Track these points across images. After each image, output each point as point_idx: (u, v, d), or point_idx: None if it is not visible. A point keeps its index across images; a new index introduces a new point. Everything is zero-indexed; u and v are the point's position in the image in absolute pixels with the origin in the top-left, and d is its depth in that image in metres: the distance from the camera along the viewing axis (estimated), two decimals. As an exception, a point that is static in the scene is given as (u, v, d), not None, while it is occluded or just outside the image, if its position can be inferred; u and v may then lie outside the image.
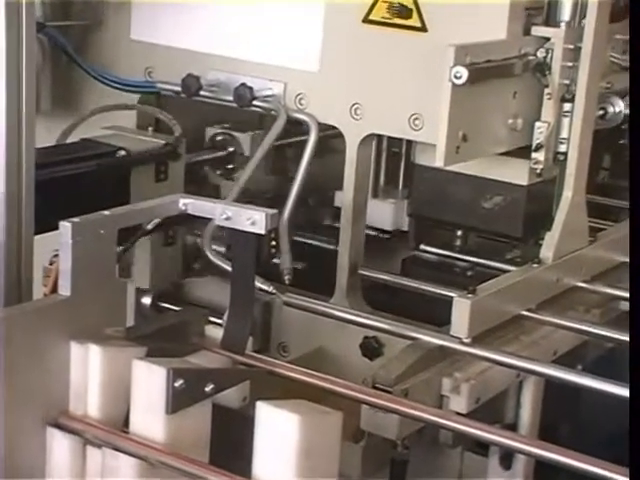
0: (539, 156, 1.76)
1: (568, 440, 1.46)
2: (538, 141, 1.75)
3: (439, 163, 1.59)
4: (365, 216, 1.82)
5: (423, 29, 1.67)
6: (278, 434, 1.22)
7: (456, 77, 1.52)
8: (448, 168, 1.69)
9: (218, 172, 2.01)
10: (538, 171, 1.77)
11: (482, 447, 1.75)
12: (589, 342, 1.82)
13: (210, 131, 2.00)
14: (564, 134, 1.77)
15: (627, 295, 1.89)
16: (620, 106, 1.94)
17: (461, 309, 1.56)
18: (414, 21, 1.68)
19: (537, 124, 1.75)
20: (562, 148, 1.78)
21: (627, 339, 1.67)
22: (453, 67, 1.51)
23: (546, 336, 1.72)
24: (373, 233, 1.97)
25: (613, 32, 1.90)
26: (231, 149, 1.99)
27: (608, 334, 1.72)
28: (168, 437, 1.26)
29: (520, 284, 1.72)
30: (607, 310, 1.90)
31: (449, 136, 1.56)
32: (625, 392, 1.46)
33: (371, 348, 1.73)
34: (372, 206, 1.89)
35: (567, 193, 1.79)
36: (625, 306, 1.91)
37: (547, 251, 1.76)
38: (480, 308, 1.58)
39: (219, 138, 2.00)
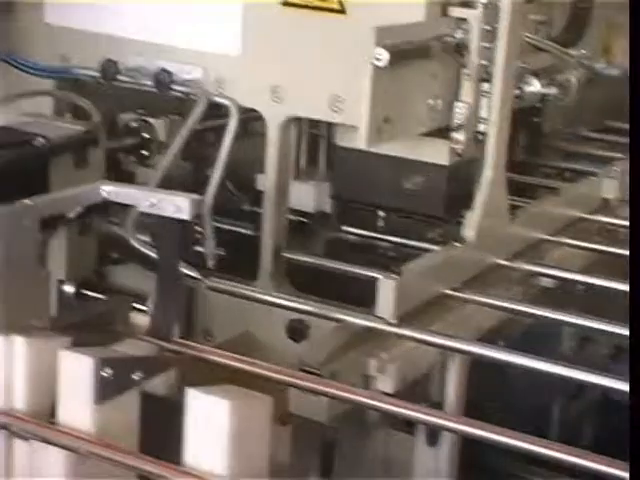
0: (459, 136, 1.78)
1: (493, 416, 1.48)
2: (458, 121, 1.77)
3: (362, 145, 1.59)
4: (287, 199, 1.82)
5: (342, 11, 1.67)
6: (208, 420, 1.23)
7: (377, 59, 1.52)
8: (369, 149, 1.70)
9: (133, 159, 1.99)
10: (459, 151, 1.78)
11: (409, 425, 1.77)
12: (512, 319, 1.85)
13: (124, 117, 1.98)
14: (483, 114, 1.79)
15: (547, 271, 1.93)
16: (536, 85, 1.97)
17: (386, 289, 1.57)
18: (333, 3, 1.68)
19: (456, 104, 1.77)
20: (482, 128, 1.80)
21: (549, 314, 1.71)
22: (374, 49, 1.52)
23: (470, 314, 1.74)
24: (295, 216, 1.97)
25: (527, 12, 1.93)
26: (146, 135, 1.98)
27: (530, 310, 1.75)
28: (97, 427, 1.25)
29: (444, 263, 1.74)
30: (528, 287, 1.93)
31: (371, 118, 1.56)
32: (547, 367, 1.50)
33: (297, 331, 1.73)
34: (294, 188, 1.89)
35: (487, 172, 1.81)
36: (545, 282, 1.95)
37: (469, 230, 1.79)
38: (405, 288, 1.59)
39: (133, 124, 1.98)
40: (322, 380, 1.44)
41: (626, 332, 1.65)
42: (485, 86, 1.78)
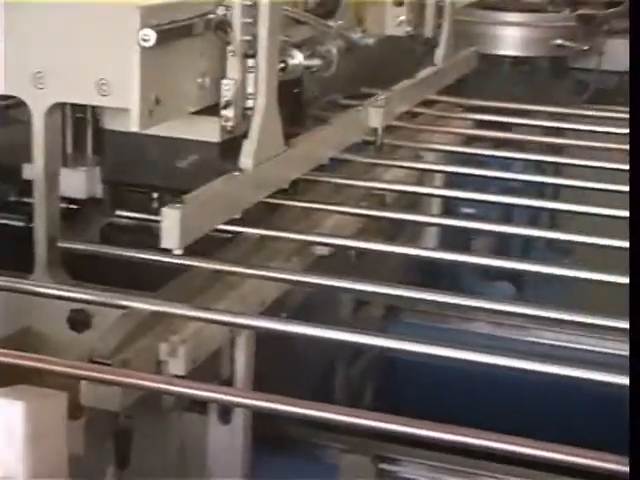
0: (228, 113, 1.78)
1: (284, 387, 1.51)
2: (226, 98, 1.77)
3: (134, 128, 1.57)
4: (58, 187, 1.77)
5: (104, -8, 1.64)
6: (2, 423, 1.19)
7: (144, 40, 1.50)
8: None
9: None
10: (229, 128, 1.79)
11: (202, 405, 1.78)
12: (292, 290, 1.89)
13: None
14: (250, 89, 1.81)
15: (322, 239, 1.98)
16: (299, 58, 2.01)
17: (171, 220, 1.58)
18: (92, -15, 1.63)
19: (223, 82, 1.77)
20: (249, 103, 1.82)
21: (325, 282, 1.76)
22: (140, 30, 1.50)
23: (253, 290, 1.77)
24: (67, 204, 1.92)
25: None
26: None
27: (309, 280, 1.79)
28: None
29: (225, 192, 1.77)
30: (304, 256, 1.98)
31: (142, 100, 1.55)
32: (326, 332, 1.54)
33: (78, 321, 1.69)
34: (64, 176, 1.83)
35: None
36: (320, 250, 1.99)
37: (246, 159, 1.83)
38: (189, 218, 1.61)
39: None
40: (112, 369, 1.43)
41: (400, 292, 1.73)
42: (250, 62, 1.79)
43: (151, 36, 1.50)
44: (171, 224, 1.58)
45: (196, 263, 1.72)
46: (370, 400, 2.59)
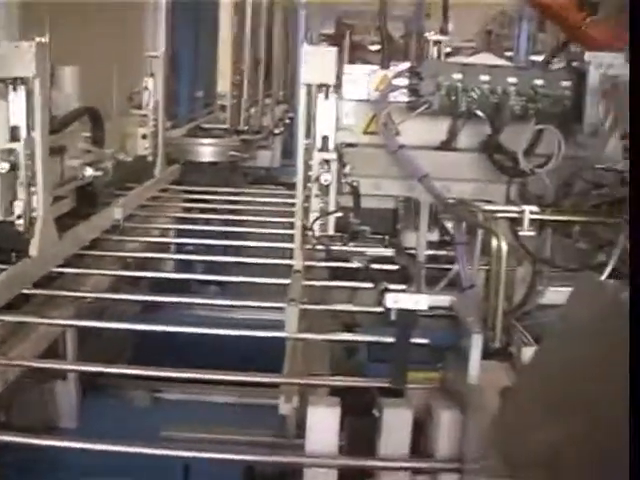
0: (20, 222, 2.82)
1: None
2: (17, 213, 2.81)
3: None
4: None
5: None
6: None
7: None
8: None
9: None
10: (22, 230, 2.83)
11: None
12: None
13: None
14: (34, 205, 2.86)
15: None
16: (89, 171, 3.36)
17: None
18: None
19: (15, 202, 2.81)
20: (34, 214, 2.86)
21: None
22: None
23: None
24: None
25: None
26: None
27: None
28: None
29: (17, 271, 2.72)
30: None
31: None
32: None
33: None
34: None
35: None
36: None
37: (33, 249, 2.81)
38: None
39: None
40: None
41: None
42: (33, 189, 2.84)
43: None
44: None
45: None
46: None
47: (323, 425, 2.04)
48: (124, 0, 4.52)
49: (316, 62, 2.55)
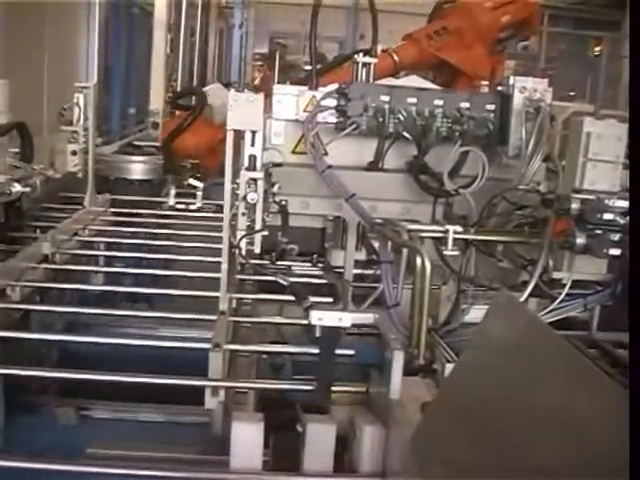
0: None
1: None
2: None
3: None
4: None
5: None
6: None
7: None
8: None
9: None
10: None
11: None
12: None
13: None
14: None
15: None
16: (17, 187, 3.24)
17: None
18: None
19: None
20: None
21: None
22: None
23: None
24: None
25: None
26: None
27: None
28: None
29: None
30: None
31: None
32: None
33: None
34: None
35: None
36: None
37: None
38: None
39: None
40: None
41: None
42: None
43: None
44: None
45: None
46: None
47: (247, 441, 2.06)
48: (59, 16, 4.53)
49: (242, 109, 2.52)
